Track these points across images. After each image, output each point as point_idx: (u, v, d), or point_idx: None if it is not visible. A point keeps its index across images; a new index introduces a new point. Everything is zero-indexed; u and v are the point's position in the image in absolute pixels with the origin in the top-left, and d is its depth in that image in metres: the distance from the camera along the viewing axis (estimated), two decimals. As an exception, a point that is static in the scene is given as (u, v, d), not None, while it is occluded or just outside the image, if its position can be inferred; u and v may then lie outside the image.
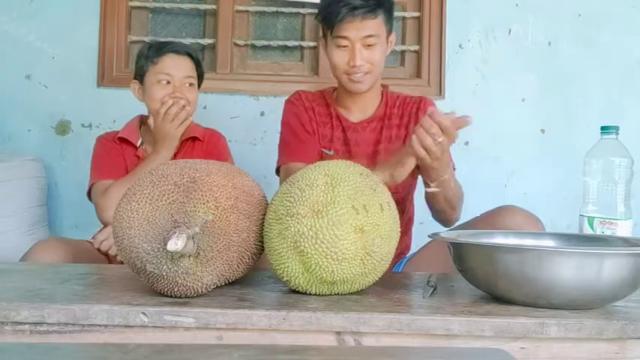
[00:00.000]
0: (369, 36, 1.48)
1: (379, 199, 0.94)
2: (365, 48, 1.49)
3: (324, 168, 0.96)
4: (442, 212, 1.45)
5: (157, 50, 1.75)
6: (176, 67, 1.74)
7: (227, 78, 2.32)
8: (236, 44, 2.35)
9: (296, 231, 0.89)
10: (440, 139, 1.19)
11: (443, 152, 1.22)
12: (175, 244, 0.83)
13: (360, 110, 1.62)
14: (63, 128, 2.29)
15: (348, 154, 1.58)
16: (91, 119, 2.27)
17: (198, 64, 1.80)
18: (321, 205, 0.90)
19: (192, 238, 0.87)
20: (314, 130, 1.61)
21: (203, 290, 0.91)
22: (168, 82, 1.72)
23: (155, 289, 0.91)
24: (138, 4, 2.36)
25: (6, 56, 2.30)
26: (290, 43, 2.37)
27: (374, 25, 1.48)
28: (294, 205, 0.91)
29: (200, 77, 1.82)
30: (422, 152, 1.21)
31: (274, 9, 2.36)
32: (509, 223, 1.27)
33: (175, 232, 0.84)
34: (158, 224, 0.88)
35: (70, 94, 2.29)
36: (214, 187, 0.92)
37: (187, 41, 2.30)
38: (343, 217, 0.89)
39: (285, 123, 1.64)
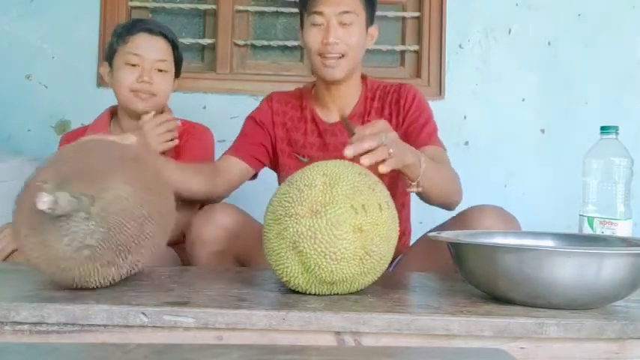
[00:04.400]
0: (345, 12, 1.42)
1: (378, 198, 0.94)
2: (341, 26, 1.42)
3: (323, 168, 0.96)
4: (438, 202, 1.34)
5: (128, 28, 1.58)
6: (147, 48, 1.56)
7: (227, 78, 2.31)
8: (236, 44, 2.35)
9: (294, 231, 0.89)
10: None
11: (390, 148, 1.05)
12: (43, 202, 0.82)
13: (337, 107, 1.54)
14: (63, 128, 2.28)
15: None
16: (91, 119, 2.24)
17: (174, 48, 1.62)
18: (319, 205, 0.90)
19: (67, 196, 0.85)
20: (277, 137, 1.56)
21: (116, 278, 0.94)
22: (138, 65, 1.55)
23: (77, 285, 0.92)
24: (138, 4, 2.36)
25: (6, 56, 2.30)
26: (290, 43, 2.36)
27: (350, 1, 1.43)
28: (293, 205, 0.91)
29: (178, 64, 1.65)
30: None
31: (274, 9, 2.36)
32: (479, 225, 1.20)
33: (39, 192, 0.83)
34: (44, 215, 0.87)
35: (70, 94, 2.29)
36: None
37: (187, 41, 2.31)
38: (342, 216, 0.89)
39: (246, 119, 1.62)
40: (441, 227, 1.34)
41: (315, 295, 0.93)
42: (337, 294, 0.95)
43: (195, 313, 0.83)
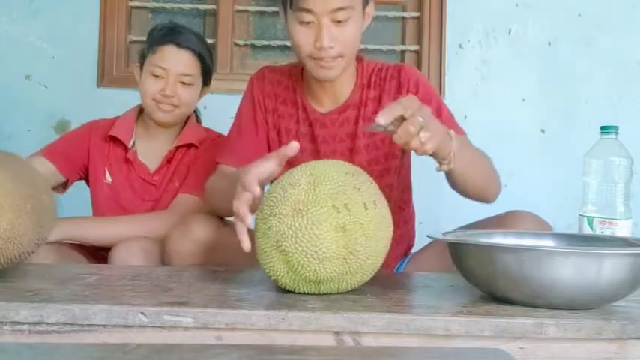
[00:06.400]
0: (340, 9, 1.18)
1: (363, 197, 0.93)
2: (335, 25, 1.20)
3: (310, 168, 0.96)
4: (476, 191, 1.24)
5: (158, 38, 1.61)
6: (173, 62, 1.58)
7: (227, 78, 2.32)
8: (236, 44, 2.35)
9: (277, 230, 0.90)
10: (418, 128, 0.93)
11: (428, 132, 0.94)
12: None
13: (330, 98, 1.36)
14: (63, 128, 2.28)
15: (316, 154, 1.36)
16: (91, 119, 2.26)
17: (202, 61, 1.63)
18: (301, 205, 0.90)
19: None
20: (268, 124, 1.39)
21: None
22: (162, 77, 1.58)
23: None
24: (138, 4, 2.36)
25: (6, 56, 2.30)
26: (290, 43, 2.36)
27: None
28: (277, 204, 0.92)
29: (206, 75, 1.67)
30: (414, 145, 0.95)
31: (274, 9, 2.36)
32: (519, 229, 1.18)
33: None
34: None
35: (70, 94, 2.29)
36: None
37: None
38: (322, 216, 0.89)
39: (238, 109, 1.43)
40: (471, 227, 1.31)
41: (304, 294, 0.93)
42: (328, 293, 0.94)
43: (195, 313, 0.83)
